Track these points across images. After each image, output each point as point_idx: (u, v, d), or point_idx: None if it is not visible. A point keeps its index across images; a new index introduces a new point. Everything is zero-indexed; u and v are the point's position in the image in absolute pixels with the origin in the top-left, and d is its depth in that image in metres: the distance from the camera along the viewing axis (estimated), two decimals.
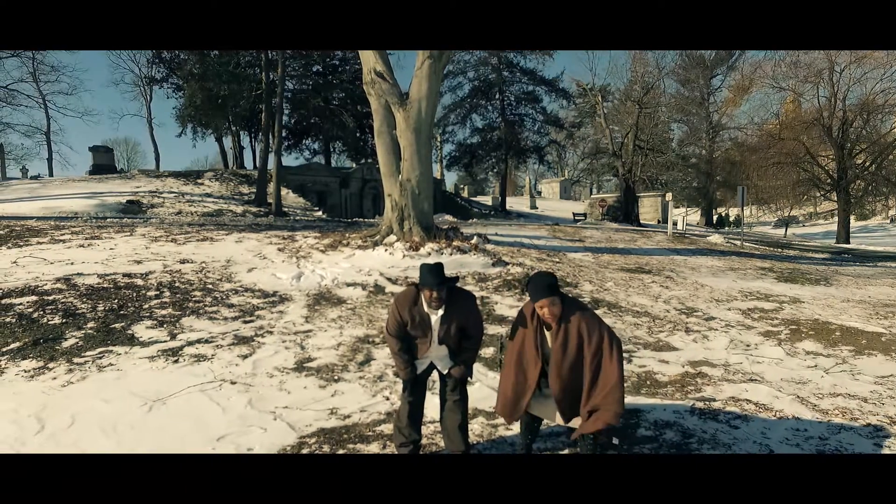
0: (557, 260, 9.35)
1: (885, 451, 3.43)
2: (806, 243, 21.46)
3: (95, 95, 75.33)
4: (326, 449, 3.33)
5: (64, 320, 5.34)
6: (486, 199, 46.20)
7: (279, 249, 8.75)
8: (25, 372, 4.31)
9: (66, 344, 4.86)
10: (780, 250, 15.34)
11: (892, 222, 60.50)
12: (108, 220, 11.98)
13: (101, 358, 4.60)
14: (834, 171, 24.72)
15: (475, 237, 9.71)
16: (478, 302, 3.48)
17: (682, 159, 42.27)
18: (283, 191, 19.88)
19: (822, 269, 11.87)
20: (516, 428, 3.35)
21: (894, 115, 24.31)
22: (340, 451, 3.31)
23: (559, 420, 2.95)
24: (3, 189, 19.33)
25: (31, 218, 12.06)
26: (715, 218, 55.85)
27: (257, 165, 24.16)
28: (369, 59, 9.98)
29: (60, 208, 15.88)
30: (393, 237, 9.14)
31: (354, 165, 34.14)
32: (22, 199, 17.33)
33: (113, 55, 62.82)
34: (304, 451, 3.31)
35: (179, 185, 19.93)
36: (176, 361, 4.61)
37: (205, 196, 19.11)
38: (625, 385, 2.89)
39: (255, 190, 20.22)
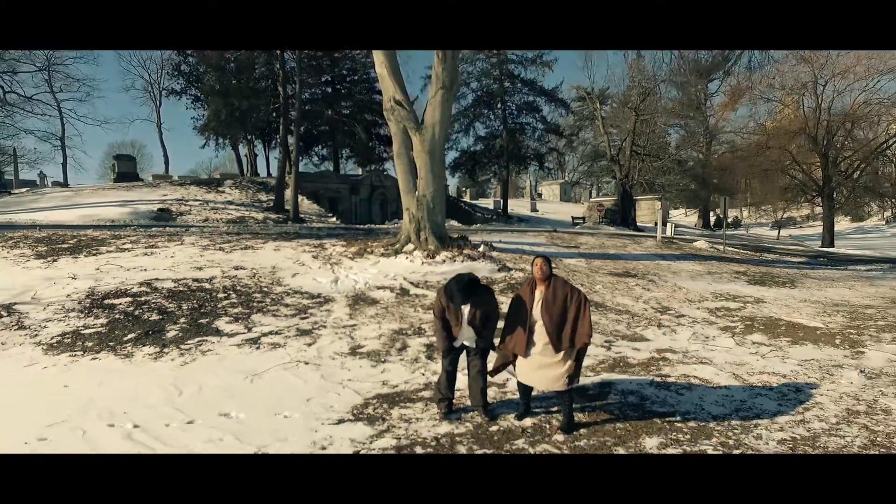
0: (554, 266, 10.71)
1: (785, 408, 4.79)
2: (787, 247, 22.79)
3: (108, 101, 76.85)
4: (386, 406, 4.70)
5: (160, 317, 6.72)
6: (488, 202, 47.47)
7: (313, 257, 10.12)
8: (149, 355, 5.70)
9: (169, 335, 6.24)
10: (759, 254, 16.70)
11: (888, 224, 61.73)
12: (154, 229, 13.33)
13: (200, 345, 5.98)
14: (819, 178, 26.04)
15: (482, 245, 11.09)
16: (495, 294, 4.84)
17: (679, 164, 43.49)
18: (299, 197, 21.27)
19: (793, 273, 13.24)
20: (513, 390, 4.71)
21: (877, 125, 25.60)
22: (394, 410, 4.66)
23: (542, 386, 4.31)
24: (40, 197, 20.72)
25: (77, 226, 13.43)
26: (713, 220, 57.15)
27: (271, 173, 25.49)
28: (389, 89, 11.35)
29: (98, 216, 17.28)
30: (411, 246, 10.51)
31: (361, 170, 35.56)
32: (60, 207, 18.70)
33: (124, 62, 63.94)
34: (369, 410, 4.66)
35: (203, 193, 21.33)
36: (258, 348, 5.99)
37: (227, 203, 20.51)
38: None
39: (272, 197, 21.62)
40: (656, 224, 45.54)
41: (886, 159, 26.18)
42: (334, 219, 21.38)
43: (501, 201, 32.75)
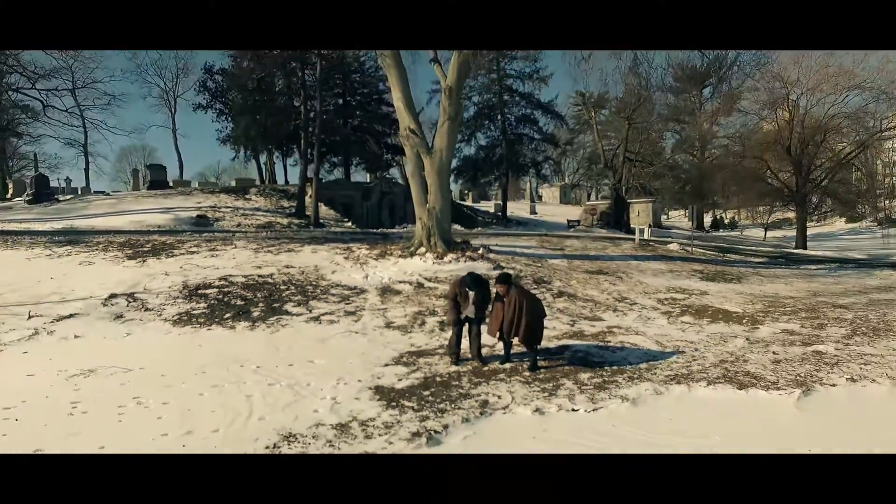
0: (540, 265, 13.14)
1: (680, 360, 7.15)
2: (756, 248, 25.13)
3: (125, 108, 79.64)
4: (415, 357, 7.09)
5: (243, 302, 9.15)
6: (489, 204, 49.70)
7: (345, 258, 12.55)
8: (246, 327, 8.13)
9: (254, 314, 8.67)
10: (723, 255, 19.06)
11: (880, 225, 63.77)
12: (206, 234, 15.75)
13: (279, 321, 8.41)
14: (793, 185, 28.36)
15: (481, 248, 13.49)
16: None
17: (670, 169, 45.65)
18: (311, 200, 23.68)
19: (745, 271, 15.61)
20: (499, 349, 7.08)
21: (846, 137, 27.88)
22: (420, 359, 7.04)
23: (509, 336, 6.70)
24: (88, 205, 23.16)
25: (144, 232, 15.88)
26: (710, 221, 59.42)
27: (289, 181, 27.82)
28: (405, 119, 13.76)
29: (146, 222, 19.72)
30: (423, 249, 12.91)
31: (369, 176, 38.02)
32: (110, 214, 21.14)
33: (142, 70, 66.43)
34: (403, 359, 7.04)
35: (232, 201, 23.78)
36: (319, 323, 8.42)
37: (255, 210, 22.96)
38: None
39: (293, 203, 24.06)
40: (650, 226, 47.83)
41: (854, 167, 28.42)
42: (349, 223, 23.82)
43: (501, 205, 35.10)
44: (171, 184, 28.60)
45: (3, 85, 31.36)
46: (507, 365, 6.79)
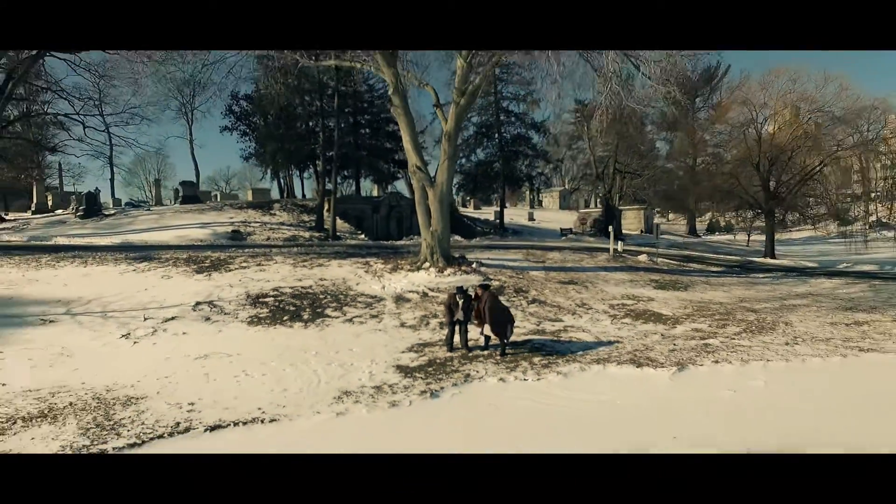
0: (521, 277, 16.27)
1: (606, 349, 10.25)
2: (722, 256, 28.16)
3: (150, 125, 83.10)
4: (422, 348, 10.22)
5: (294, 308, 12.33)
6: (490, 211, 52.73)
7: (365, 272, 15.71)
8: (300, 326, 11.30)
9: (304, 317, 11.84)
10: (684, 265, 22.12)
11: (872, 228, 66.58)
12: (248, 250, 18.93)
13: (323, 321, 11.58)
14: (762, 199, 31.35)
15: (474, 263, 16.62)
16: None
17: (652, 183, 48.46)
18: (330, 215, 26.87)
19: (696, 279, 18.66)
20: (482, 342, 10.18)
21: (807, 157, 30.79)
22: (426, 349, 10.17)
23: (485, 331, 9.85)
24: (133, 220, 26.42)
25: (198, 247, 19.07)
26: (707, 224, 62.26)
27: (305, 194, 30.96)
28: (412, 158, 16.90)
29: (189, 236, 22.95)
30: (427, 264, 16.04)
31: (376, 187, 41.25)
32: (155, 229, 24.36)
33: (161, 85, 70.03)
34: (414, 349, 10.17)
35: (259, 216, 27.01)
36: (352, 323, 11.58)
37: (280, 224, 26.18)
38: (515, 326, 9.85)
39: (313, 218, 27.28)
40: (642, 231, 50.61)
41: (817, 183, 31.35)
42: (362, 235, 27.01)
43: (499, 213, 38.18)
44: (200, 198, 31.85)
45: (40, 103, 34.71)
46: (486, 352, 9.93)
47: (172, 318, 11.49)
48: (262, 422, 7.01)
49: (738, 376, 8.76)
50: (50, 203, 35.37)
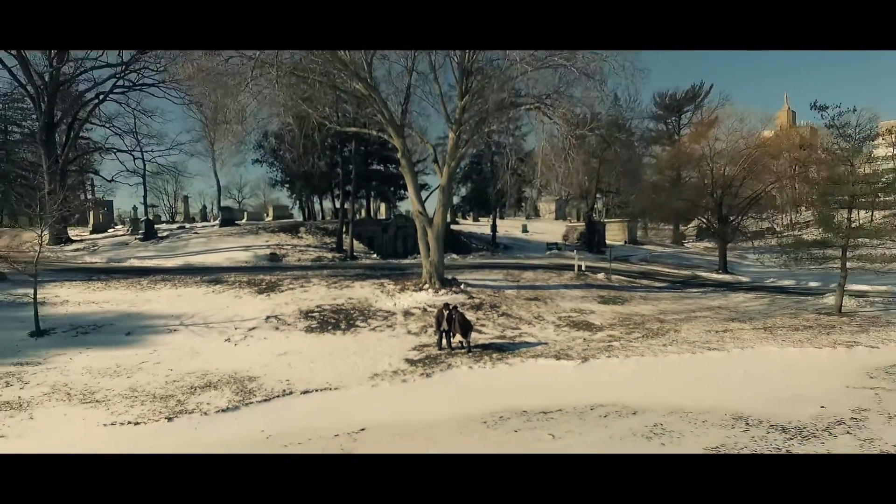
0: (497, 295, 21.68)
1: (543, 346, 15.65)
2: (673, 272, 33.48)
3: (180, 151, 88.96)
4: (422, 348, 15.66)
5: (335, 320, 17.82)
6: (487, 222, 57.94)
7: (380, 292, 21.17)
8: (341, 333, 16.81)
9: (342, 327, 17.35)
10: (634, 281, 27.45)
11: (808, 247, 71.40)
12: (290, 272, 24.44)
13: (356, 331, 17.09)
14: (715, 221, 36.66)
15: (462, 284, 22.05)
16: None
17: (631, 199, 53.59)
18: (349, 238, 32.35)
19: (636, 295, 23.98)
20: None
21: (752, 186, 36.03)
22: (425, 348, 15.60)
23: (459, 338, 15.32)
24: (187, 242, 31.97)
25: (252, 269, 24.57)
26: (696, 230, 67.24)
27: (325, 216, 36.50)
28: (415, 203, 22.35)
29: (235, 258, 28.46)
30: (427, 286, 21.46)
31: (384, 206, 46.80)
32: (208, 252, 29.84)
33: (184, 108, 75.66)
34: (417, 348, 15.60)
35: (289, 239, 32.53)
36: (375, 331, 17.07)
37: (307, 246, 31.71)
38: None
39: (334, 240, 32.78)
40: (626, 243, 55.81)
41: (762, 207, 36.59)
42: (375, 255, 32.51)
43: (491, 232, 43.59)
44: (236, 219, 37.51)
45: (83, 129, 40.30)
46: (463, 350, 15.36)
47: (254, 328, 16.99)
48: (330, 389, 12.50)
49: (617, 366, 14.18)
50: (91, 223, 41.22)
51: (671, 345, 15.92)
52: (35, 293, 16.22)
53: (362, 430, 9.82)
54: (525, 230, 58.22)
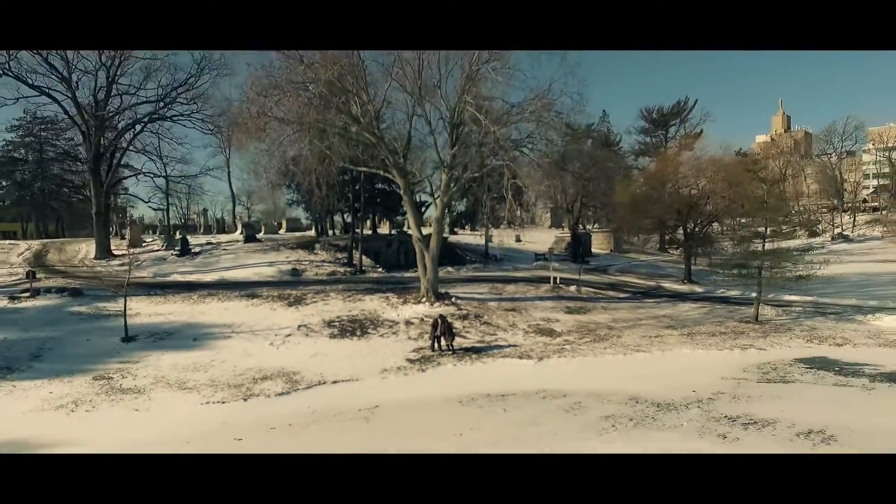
0: (480, 306, 26.59)
1: (510, 349, 20.57)
2: (637, 282, 38.33)
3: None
4: (420, 350, 20.60)
5: (351, 328, 22.79)
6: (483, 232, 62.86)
7: (386, 304, 26.12)
8: (356, 339, 21.79)
9: (357, 334, 22.33)
10: (602, 292, 32.29)
11: (833, 241, 76.45)
12: (312, 287, 29.40)
13: (369, 337, 22.07)
14: (680, 235, 41.53)
15: (453, 297, 26.98)
16: (448, 321, 20.71)
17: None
18: (358, 254, 37.29)
19: (598, 305, 28.81)
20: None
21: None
22: (421, 350, 20.52)
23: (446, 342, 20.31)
24: (218, 259, 36.98)
25: (277, 283, 29.53)
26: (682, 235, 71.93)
27: (334, 232, 41.52)
28: (415, 231, 27.29)
29: (263, 273, 33.45)
30: (424, 299, 26.38)
31: (388, 226, 51.91)
32: (238, 267, 34.85)
33: (206, 131, 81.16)
34: (416, 350, 20.53)
35: (306, 255, 37.52)
36: (383, 337, 22.04)
37: (322, 262, 36.69)
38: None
39: (345, 255, 37.77)
40: (612, 251, 60.69)
41: (721, 225, 41.44)
42: (381, 269, 37.48)
43: (485, 245, 48.52)
44: (258, 235, 42.58)
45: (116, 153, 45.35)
46: (450, 352, 20.29)
47: (290, 335, 21.94)
48: (352, 380, 17.45)
49: (564, 364, 19.10)
50: (127, 237, 46.32)
51: (610, 348, 20.83)
52: (125, 307, 21.23)
53: (376, 406, 14.74)
54: (518, 240, 63.06)
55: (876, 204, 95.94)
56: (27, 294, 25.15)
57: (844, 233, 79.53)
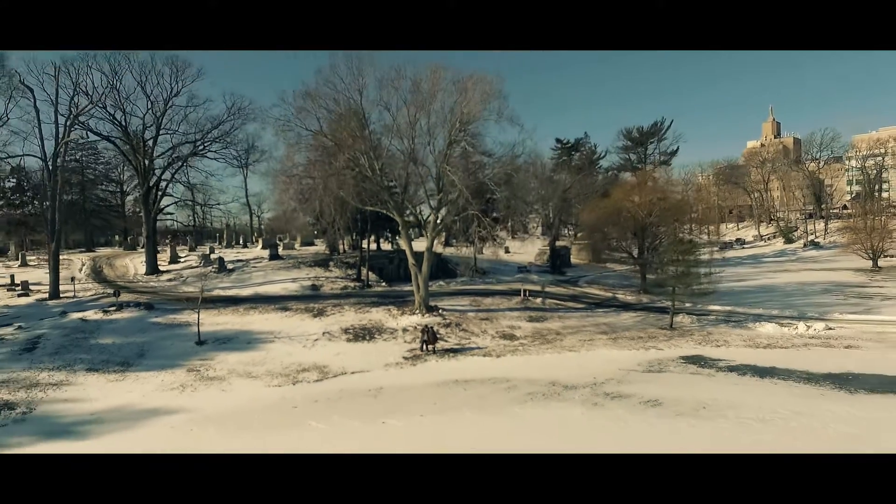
0: (461, 316, 34.30)
1: (480, 351, 28.29)
2: (596, 294, 45.95)
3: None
4: (414, 350, 28.36)
5: (363, 334, 30.58)
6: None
7: (389, 315, 33.90)
8: (367, 342, 29.62)
9: (366, 338, 30.13)
10: (564, 303, 39.89)
11: (805, 248, 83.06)
12: (329, 300, 37.20)
13: (374, 340, 29.88)
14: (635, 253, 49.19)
15: (440, 310, 34.72)
16: (433, 329, 28.47)
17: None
18: (365, 271, 45.02)
19: (557, 314, 36.46)
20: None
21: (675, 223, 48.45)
22: (414, 350, 28.24)
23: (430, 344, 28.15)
24: (250, 276, 44.79)
25: (299, 297, 37.30)
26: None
27: (345, 243, 49.44)
28: (409, 257, 35.04)
29: (289, 288, 41.32)
30: (418, 311, 34.11)
31: (390, 243, 59.57)
32: (267, 283, 42.66)
33: (234, 166, 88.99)
34: (410, 351, 28.26)
35: (323, 272, 45.30)
36: (387, 342, 29.84)
37: (336, 278, 44.48)
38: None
39: (354, 272, 45.55)
40: (590, 262, 68.30)
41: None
42: (384, 283, 45.25)
43: (474, 259, 56.12)
44: (280, 252, 50.45)
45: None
46: (435, 353, 28.03)
47: (317, 339, 29.70)
48: (364, 372, 25.25)
49: (514, 359, 26.83)
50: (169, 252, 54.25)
51: (552, 349, 28.53)
52: (198, 317, 29.05)
53: (381, 388, 22.45)
54: (507, 251, 70.51)
55: (851, 211, 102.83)
56: (114, 308, 33.05)
57: (816, 240, 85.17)
